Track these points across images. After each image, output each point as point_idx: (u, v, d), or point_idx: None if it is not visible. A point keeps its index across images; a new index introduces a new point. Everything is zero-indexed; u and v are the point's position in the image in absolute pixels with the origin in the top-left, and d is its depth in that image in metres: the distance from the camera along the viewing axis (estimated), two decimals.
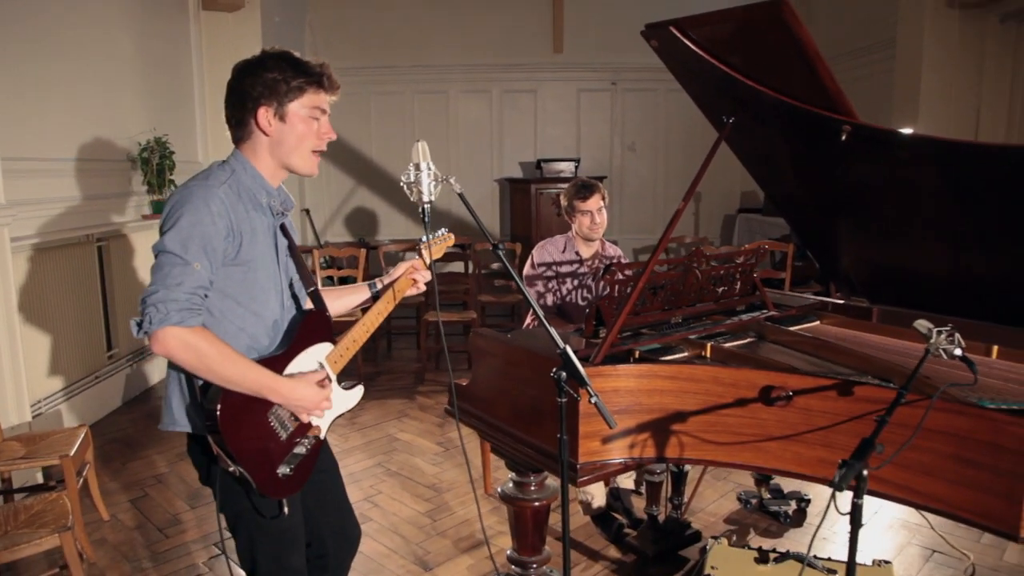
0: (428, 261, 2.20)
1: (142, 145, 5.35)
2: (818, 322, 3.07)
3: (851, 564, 1.68)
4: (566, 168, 9.16)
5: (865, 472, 1.63)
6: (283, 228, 1.92)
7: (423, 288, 2.19)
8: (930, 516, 3.27)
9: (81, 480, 3.30)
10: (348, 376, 1.99)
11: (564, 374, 1.86)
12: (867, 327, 2.95)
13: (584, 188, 3.49)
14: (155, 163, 5.34)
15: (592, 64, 9.52)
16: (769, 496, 3.58)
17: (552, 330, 1.89)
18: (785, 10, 1.99)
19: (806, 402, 2.14)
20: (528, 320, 3.64)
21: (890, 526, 3.43)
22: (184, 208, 1.66)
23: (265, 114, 1.76)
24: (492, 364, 2.62)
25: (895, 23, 7.39)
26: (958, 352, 1.83)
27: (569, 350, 1.85)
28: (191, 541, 3.36)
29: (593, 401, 1.83)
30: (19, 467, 3.15)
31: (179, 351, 1.61)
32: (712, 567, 2.34)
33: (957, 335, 1.84)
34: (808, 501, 3.57)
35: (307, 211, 8.97)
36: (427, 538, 3.39)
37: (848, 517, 1.67)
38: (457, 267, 7.60)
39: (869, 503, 3.43)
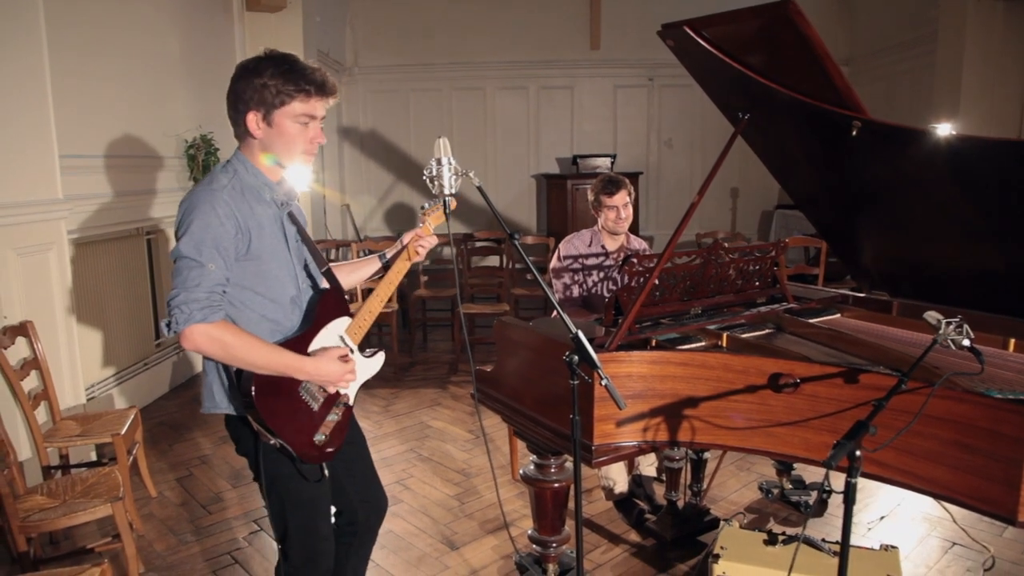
0: (431, 227, 2.29)
1: (188, 142, 5.58)
2: (839, 315, 3.11)
3: (844, 542, 1.76)
4: (602, 164, 9.21)
5: (858, 452, 1.70)
6: (291, 216, 2.04)
7: (424, 254, 2.26)
8: (952, 508, 3.31)
9: (131, 458, 3.51)
10: (384, 366, 2.15)
11: (576, 358, 1.97)
12: (887, 320, 2.99)
13: (611, 183, 3.58)
14: (201, 159, 5.56)
15: (629, 60, 9.56)
16: (791, 486, 3.64)
17: (565, 316, 2.00)
18: (792, 10, 2.06)
19: (813, 389, 2.21)
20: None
21: (912, 517, 3.46)
22: (194, 214, 1.79)
23: (254, 118, 1.88)
24: (513, 350, 2.74)
25: (937, 17, 7.30)
26: (966, 343, 1.89)
27: (581, 335, 1.95)
28: (232, 518, 3.55)
29: (604, 383, 1.93)
30: (75, 444, 3.39)
31: (206, 345, 1.77)
32: (722, 547, 2.43)
33: (966, 326, 1.89)
34: (830, 492, 3.61)
35: (347, 206, 9.18)
36: (455, 519, 3.52)
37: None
38: (493, 261, 7.73)
39: (893, 494, 3.51)
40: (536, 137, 9.91)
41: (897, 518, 3.46)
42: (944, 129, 6.15)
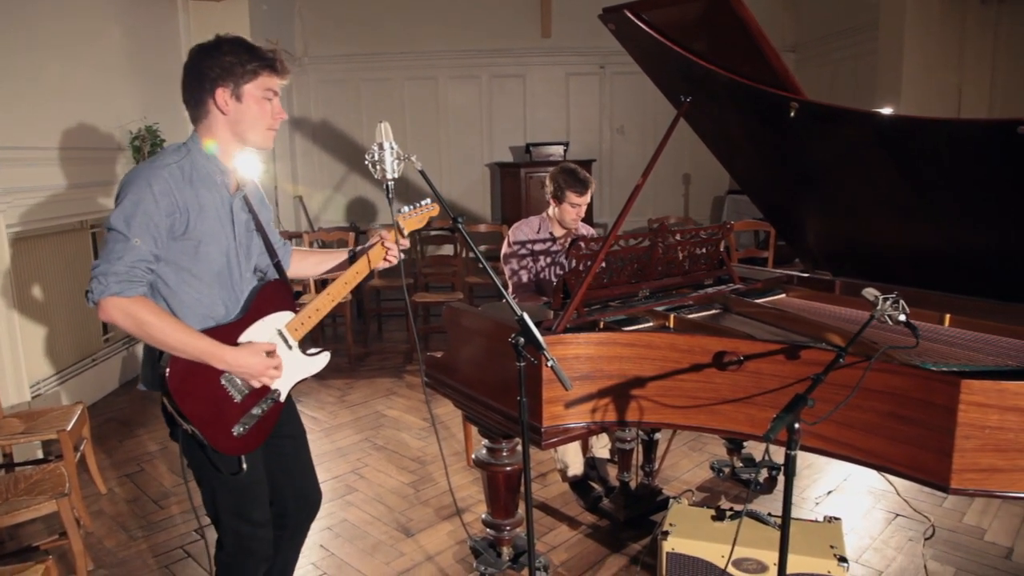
0: (405, 232, 2.28)
1: (133, 133, 5.45)
2: (784, 295, 3.19)
3: (786, 513, 1.80)
4: (555, 152, 9.25)
5: (797, 425, 1.75)
6: (246, 203, 2.02)
7: (395, 260, 2.25)
8: (895, 481, 3.42)
9: (79, 455, 3.43)
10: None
11: (522, 340, 1.98)
12: (829, 299, 3.07)
13: (580, 183, 3.49)
14: (146, 150, 5.44)
15: (580, 48, 9.59)
16: (741, 464, 3.72)
17: (510, 299, 2.01)
18: None
19: (757, 366, 2.26)
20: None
21: (857, 491, 3.57)
22: (130, 188, 1.79)
23: (223, 94, 1.87)
24: (463, 336, 2.75)
25: (878, 4, 7.47)
26: (902, 318, 1.94)
27: (527, 317, 1.97)
28: (183, 512, 3.50)
29: (550, 364, 1.95)
30: (19, 441, 3.30)
31: (120, 319, 1.74)
32: (671, 524, 2.47)
33: (902, 302, 1.95)
34: (779, 468, 3.70)
35: (299, 198, 9.07)
36: (410, 507, 3.52)
37: (786, 477, 1.78)
38: (447, 250, 7.71)
39: (840, 468, 3.61)
40: (489, 126, 9.91)
41: (844, 492, 3.57)
42: (884, 112, 6.31)
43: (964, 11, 6.99)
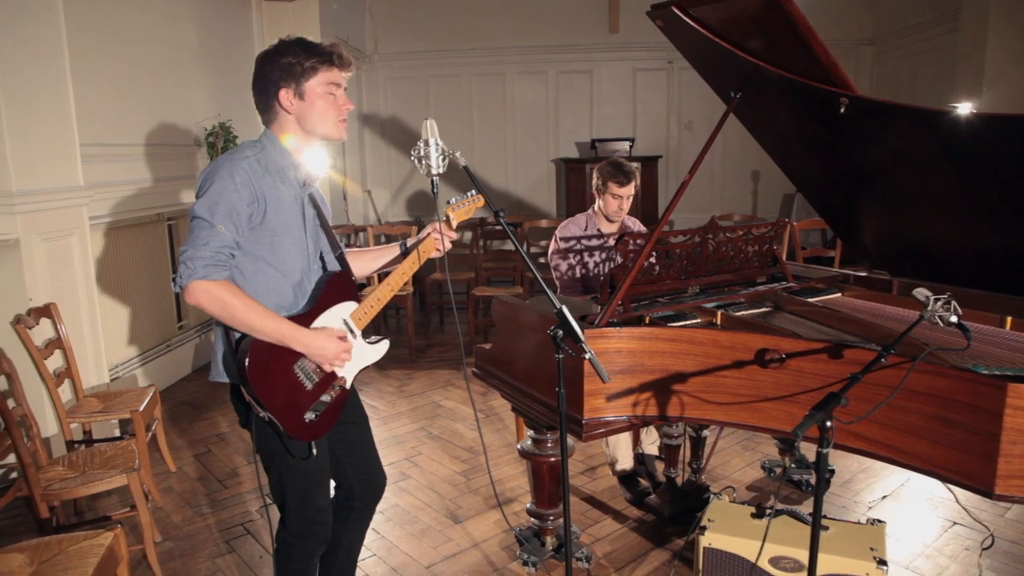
0: (454, 223, 2.35)
1: (208, 130, 5.71)
2: (839, 294, 3.14)
3: (816, 511, 1.79)
4: (620, 148, 9.21)
5: (829, 423, 1.74)
6: (312, 200, 2.13)
7: (445, 249, 2.32)
8: (955, 489, 3.33)
9: (150, 434, 3.64)
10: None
11: (561, 332, 2.03)
12: (886, 299, 3.01)
13: (623, 173, 3.51)
14: (220, 146, 5.69)
15: (647, 43, 9.50)
16: (793, 465, 3.67)
17: (549, 291, 2.05)
18: None
19: (799, 364, 2.25)
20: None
21: (914, 498, 3.48)
22: (213, 179, 1.89)
23: (286, 95, 1.98)
24: (509, 328, 2.81)
25: None
26: (953, 319, 1.91)
27: (565, 310, 2.01)
28: (246, 492, 3.68)
29: (587, 356, 1.99)
30: (96, 419, 3.53)
31: (206, 301, 1.85)
32: (709, 519, 2.48)
33: (954, 303, 1.91)
34: (832, 472, 3.64)
35: (368, 192, 9.29)
36: (460, 495, 3.61)
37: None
38: (510, 245, 7.79)
39: (898, 475, 3.52)
40: (555, 121, 9.92)
41: (899, 498, 3.48)
42: (964, 108, 6.07)
43: None
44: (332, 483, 2.27)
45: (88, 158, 4.12)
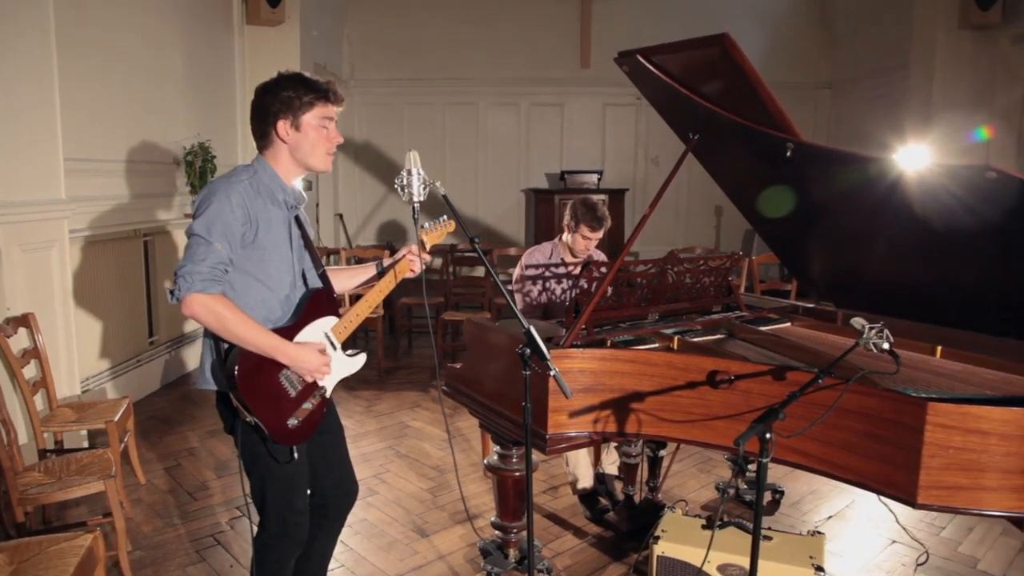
0: (428, 246, 2.51)
1: (187, 149, 5.82)
2: (789, 324, 3.35)
3: (757, 520, 1.97)
4: (589, 180, 9.48)
5: (768, 435, 1.92)
6: (298, 221, 2.28)
7: (418, 271, 2.48)
8: (896, 508, 3.53)
9: (123, 445, 3.71)
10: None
11: (528, 351, 2.19)
12: (831, 329, 3.23)
13: (596, 220, 3.66)
14: (198, 166, 5.80)
15: (618, 79, 9.68)
16: (745, 486, 3.85)
17: (518, 311, 2.23)
18: (727, 41, 2.31)
19: (747, 385, 2.44)
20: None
21: (857, 518, 3.68)
22: (211, 200, 2.05)
23: (283, 125, 2.14)
24: (480, 348, 2.97)
25: (910, 46, 7.61)
26: (885, 346, 2.10)
27: (533, 330, 2.18)
28: (216, 504, 3.75)
29: (552, 373, 2.16)
30: (70, 429, 3.60)
31: (202, 313, 1.99)
32: (663, 530, 2.64)
33: (887, 332, 2.11)
34: (782, 492, 3.83)
35: (340, 215, 9.42)
36: (427, 510, 3.73)
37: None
38: (480, 271, 7.95)
39: (843, 496, 3.73)
40: (526, 152, 10.18)
41: (844, 518, 3.68)
42: (912, 151, 6.42)
43: (994, 52, 7.10)
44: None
45: (71, 172, 4.21)
